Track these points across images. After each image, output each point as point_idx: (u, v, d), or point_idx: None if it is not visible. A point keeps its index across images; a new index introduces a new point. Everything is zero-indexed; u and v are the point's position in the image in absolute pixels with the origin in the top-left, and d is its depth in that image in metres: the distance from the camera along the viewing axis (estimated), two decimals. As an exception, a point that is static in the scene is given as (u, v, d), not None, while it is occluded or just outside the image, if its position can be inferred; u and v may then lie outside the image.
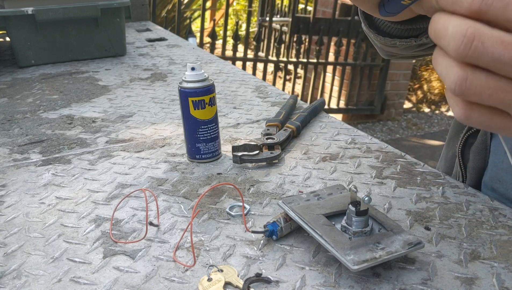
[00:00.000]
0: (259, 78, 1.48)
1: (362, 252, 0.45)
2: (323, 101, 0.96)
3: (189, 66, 0.69)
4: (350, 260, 0.44)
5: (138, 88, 1.14)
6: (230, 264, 0.50)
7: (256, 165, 0.72)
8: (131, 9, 1.43)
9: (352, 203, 0.49)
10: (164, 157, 0.76)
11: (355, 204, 0.48)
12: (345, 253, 0.45)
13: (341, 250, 0.45)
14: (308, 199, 0.54)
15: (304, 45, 3.87)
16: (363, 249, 0.46)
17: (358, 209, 0.48)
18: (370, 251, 0.45)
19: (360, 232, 0.48)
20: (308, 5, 4.51)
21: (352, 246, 0.46)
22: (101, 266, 0.50)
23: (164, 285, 0.47)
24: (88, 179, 0.70)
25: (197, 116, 0.71)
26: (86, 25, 1.37)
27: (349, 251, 0.45)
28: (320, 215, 0.51)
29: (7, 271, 0.50)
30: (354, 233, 0.48)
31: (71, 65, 1.37)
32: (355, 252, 0.45)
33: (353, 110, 3.95)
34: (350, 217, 0.49)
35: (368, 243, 0.47)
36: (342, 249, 0.45)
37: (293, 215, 0.51)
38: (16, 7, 1.27)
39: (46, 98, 1.09)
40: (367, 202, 0.47)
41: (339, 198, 0.55)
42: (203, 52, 1.51)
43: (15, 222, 0.59)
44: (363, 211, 0.48)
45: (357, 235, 0.48)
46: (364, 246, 0.46)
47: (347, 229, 0.49)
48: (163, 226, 0.57)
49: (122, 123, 0.92)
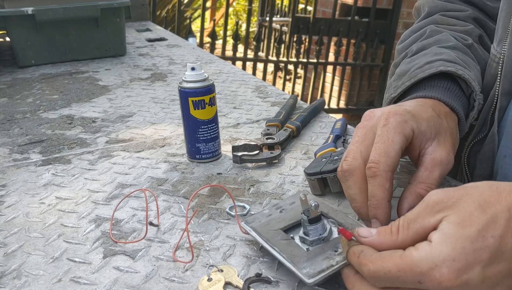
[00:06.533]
0: (259, 78, 1.48)
1: (318, 262, 0.44)
2: (323, 101, 0.96)
3: (189, 66, 0.69)
4: (305, 273, 0.43)
5: (138, 88, 1.14)
6: (230, 264, 0.50)
7: (256, 165, 0.72)
8: (131, 9, 1.43)
9: (304, 211, 0.48)
10: (164, 157, 0.76)
11: (307, 213, 0.47)
12: (301, 267, 0.44)
13: (297, 264, 0.44)
14: (270, 213, 0.53)
15: (304, 45, 3.86)
16: (319, 258, 0.45)
17: (309, 217, 0.47)
18: (327, 259, 0.44)
19: (317, 240, 0.47)
20: (308, 5, 4.50)
21: (308, 257, 0.45)
22: (101, 266, 0.50)
23: (164, 285, 0.47)
24: (88, 179, 0.70)
25: (197, 116, 0.71)
26: (86, 25, 1.37)
27: (305, 263, 0.44)
28: (278, 230, 0.50)
29: (7, 271, 0.50)
30: (312, 242, 0.47)
31: (71, 65, 1.37)
32: (311, 263, 0.44)
33: (353, 110, 3.95)
34: (305, 226, 0.48)
35: (326, 250, 0.46)
36: (298, 263, 0.44)
37: (254, 235, 0.50)
38: (16, 7, 1.27)
39: (46, 98, 1.09)
40: (315, 208, 0.47)
41: (299, 206, 0.53)
42: (203, 52, 1.51)
43: (15, 222, 0.59)
44: (314, 218, 0.47)
45: (315, 243, 0.47)
46: (322, 254, 0.45)
47: (305, 240, 0.48)
48: (163, 226, 0.57)
49: (122, 123, 0.92)
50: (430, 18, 0.74)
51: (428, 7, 0.76)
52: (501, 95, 0.60)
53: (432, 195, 0.40)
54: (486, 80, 0.66)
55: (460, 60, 0.61)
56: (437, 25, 0.71)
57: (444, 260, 0.35)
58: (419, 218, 0.39)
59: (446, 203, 0.39)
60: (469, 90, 0.60)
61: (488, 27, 0.73)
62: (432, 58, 0.62)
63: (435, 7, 0.75)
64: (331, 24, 3.57)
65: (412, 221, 0.39)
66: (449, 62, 0.60)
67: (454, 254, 0.36)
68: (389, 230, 0.41)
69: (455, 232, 0.36)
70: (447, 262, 0.35)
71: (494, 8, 0.71)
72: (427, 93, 0.58)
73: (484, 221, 0.36)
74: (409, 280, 0.37)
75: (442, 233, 0.37)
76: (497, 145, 0.62)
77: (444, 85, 0.59)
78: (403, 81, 0.62)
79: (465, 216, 0.37)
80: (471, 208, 0.37)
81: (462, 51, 0.65)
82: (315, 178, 0.61)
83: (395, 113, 0.51)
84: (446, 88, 0.59)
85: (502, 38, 0.61)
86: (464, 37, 0.68)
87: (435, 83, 0.60)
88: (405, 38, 0.74)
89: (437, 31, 0.69)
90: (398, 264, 0.37)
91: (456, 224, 0.37)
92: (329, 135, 0.77)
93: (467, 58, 0.64)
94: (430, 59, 0.62)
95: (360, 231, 0.42)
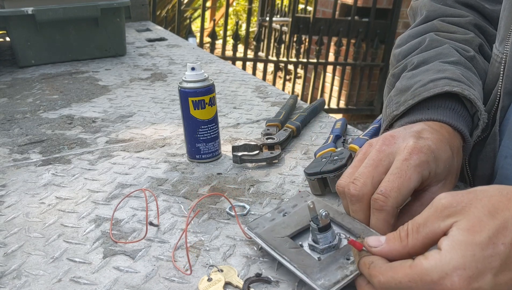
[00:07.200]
0: (259, 78, 1.48)
1: (332, 273, 0.44)
2: (323, 101, 0.96)
3: (189, 66, 0.69)
4: (321, 285, 0.42)
5: (138, 88, 1.14)
6: (230, 264, 0.50)
7: (256, 165, 0.72)
8: (131, 9, 1.43)
9: (313, 219, 0.47)
10: (164, 157, 0.76)
11: (316, 221, 0.47)
12: (316, 278, 0.43)
13: (311, 275, 0.44)
14: (273, 218, 0.52)
15: (304, 45, 3.86)
16: (333, 268, 0.44)
17: (319, 226, 0.47)
18: (341, 269, 0.44)
19: (328, 248, 0.47)
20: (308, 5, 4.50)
21: (321, 268, 0.44)
22: (101, 266, 0.50)
23: (164, 285, 0.47)
24: (88, 179, 0.70)
25: (197, 116, 0.71)
26: (86, 25, 1.37)
27: (319, 274, 0.44)
28: (285, 237, 0.49)
29: (7, 271, 0.50)
30: (322, 250, 0.47)
31: (71, 65, 1.37)
32: (325, 274, 0.44)
33: (353, 110, 3.95)
34: (314, 234, 0.47)
35: (338, 259, 0.45)
36: (312, 274, 0.44)
37: (260, 242, 0.50)
38: (16, 7, 1.27)
39: (46, 98, 1.09)
40: (325, 217, 0.46)
41: (303, 209, 0.53)
42: (203, 52, 1.51)
43: (15, 222, 0.59)
44: (324, 226, 0.47)
45: (325, 251, 0.47)
46: (334, 264, 0.45)
47: (314, 248, 0.47)
48: (163, 226, 0.57)
49: (122, 123, 0.92)
50: (429, 24, 0.71)
51: (426, 11, 0.73)
52: (503, 94, 0.60)
53: (441, 199, 0.40)
54: (488, 80, 0.65)
55: (464, 79, 0.60)
56: (436, 33, 0.69)
57: (454, 269, 0.35)
58: (429, 222, 0.39)
59: (455, 207, 0.38)
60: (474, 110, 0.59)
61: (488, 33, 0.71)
62: (436, 76, 0.60)
63: (434, 11, 0.73)
64: (331, 24, 3.57)
65: (421, 225, 0.39)
66: (454, 80, 0.59)
67: (464, 261, 0.35)
68: (397, 236, 0.40)
69: (464, 239, 0.36)
70: (458, 271, 0.35)
71: (494, 11, 0.71)
72: (433, 116, 0.57)
73: (495, 228, 0.36)
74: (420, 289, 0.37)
75: (451, 239, 0.37)
76: (498, 145, 0.62)
77: (449, 105, 0.58)
78: (405, 98, 0.60)
79: (474, 222, 0.37)
80: (480, 213, 0.37)
81: (465, 66, 0.64)
82: (315, 178, 0.61)
83: (419, 151, 0.49)
84: (452, 109, 0.58)
85: (504, 37, 0.61)
86: (465, 48, 0.66)
87: (440, 103, 0.58)
88: (402, 43, 0.72)
89: (437, 40, 0.68)
90: (408, 274, 0.37)
91: (465, 231, 0.36)
92: (329, 135, 0.77)
93: (470, 75, 0.63)
94: (434, 76, 0.60)
95: (370, 241, 0.42)
